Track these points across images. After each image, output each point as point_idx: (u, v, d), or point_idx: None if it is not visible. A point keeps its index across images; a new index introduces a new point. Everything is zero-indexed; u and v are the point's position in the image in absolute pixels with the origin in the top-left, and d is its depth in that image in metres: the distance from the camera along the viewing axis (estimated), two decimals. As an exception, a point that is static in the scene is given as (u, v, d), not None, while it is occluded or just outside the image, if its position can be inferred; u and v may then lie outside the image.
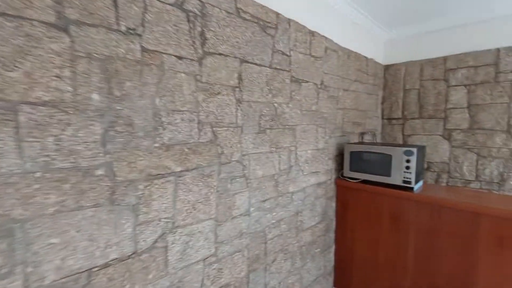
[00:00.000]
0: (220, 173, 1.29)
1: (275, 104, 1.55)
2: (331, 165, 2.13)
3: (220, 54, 1.25)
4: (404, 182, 1.85)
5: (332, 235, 2.23)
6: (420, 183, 2.03)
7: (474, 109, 2.40)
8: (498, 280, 1.52)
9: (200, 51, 1.17)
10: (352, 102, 2.34)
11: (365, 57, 2.50)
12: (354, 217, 2.14)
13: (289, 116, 1.66)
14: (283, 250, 1.71)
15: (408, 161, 1.83)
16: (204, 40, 1.18)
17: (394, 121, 2.90)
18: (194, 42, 1.15)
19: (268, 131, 1.51)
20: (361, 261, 2.11)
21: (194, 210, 1.19)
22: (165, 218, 1.10)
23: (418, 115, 2.74)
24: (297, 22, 1.67)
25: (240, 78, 1.34)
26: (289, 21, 1.61)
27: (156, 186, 1.07)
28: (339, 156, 2.21)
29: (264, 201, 1.54)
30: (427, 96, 2.67)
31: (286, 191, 1.69)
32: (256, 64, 1.42)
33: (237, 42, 1.32)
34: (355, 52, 2.34)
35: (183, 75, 1.12)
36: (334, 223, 2.24)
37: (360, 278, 2.13)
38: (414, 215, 1.81)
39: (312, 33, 1.82)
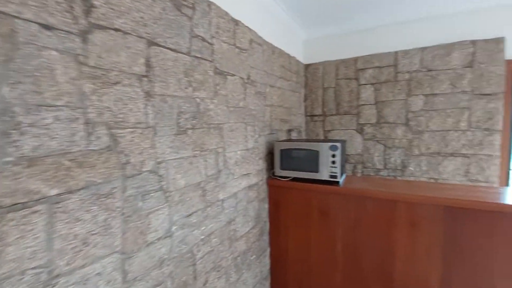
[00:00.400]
0: (126, 190, 0.97)
1: (197, 100, 1.31)
2: (262, 165, 2.02)
3: (116, 29, 0.92)
4: (331, 176, 1.89)
5: (266, 237, 2.13)
6: (344, 176, 2.13)
7: (380, 105, 2.70)
8: (411, 257, 1.67)
9: (83, 21, 0.83)
10: (278, 99, 2.29)
11: (287, 54, 2.50)
12: (286, 216, 2.09)
13: (215, 114, 1.44)
14: (215, 267, 1.49)
15: (333, 155, 1.87)
16: (89, 7, 0.85)
17: (316, 118, 3.04)
18: (72, 7, 0.80)
19: (190, 131, 1.26)
20: (295, 259, 2.09)
21: (87, 246, 0.85)
22: (33, 268, 0.73)
23: (336, 112, 2.93)
24: (218, 7, 1.47)
25: (148, 65, 1.05)
26: (209, 3, 1.39)
27: (13, 222, 0.69)
28: (269, 155, 2.12)
29: (189, 215, 1.28)
30: (342, 94, 2.88)
31: (215, 199, 1.47)
32: (170, 49, 1.14)
33: (141, 17, 1.02)
34: (279, 49, 2.30)
35: (54, 53, 0.76)
36: (268, 225, 2.15)
37: (295, 277, 2.10)
38: (341, 208, 1.87)
39: (236, 22, 1.65)
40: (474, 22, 2.27)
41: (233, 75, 1.60)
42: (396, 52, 2.57)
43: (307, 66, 3.01)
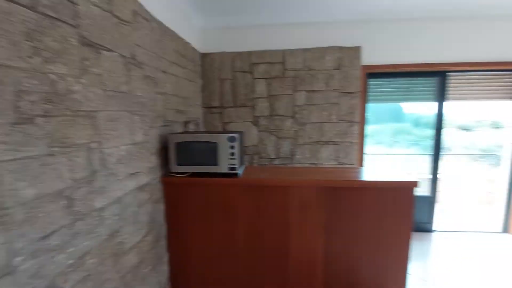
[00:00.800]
0: None
1: (52, 76, 0.94)
2: (154, 161, 1.75)
3: None
4: (230, 169, 1.85)
5: (163, 243, 1.89)
6: (243, 167, 2.15)
7: (272, 99, 2.89)
8: (302, 233, 1.86)
9: None
10: (173, 87, 2.05)
11: (182, 39, 2.27)
12: (186, 215, 1.92)
13: (83, 97, 1.10)
14: (94, 295, 1.17)
15: (232, 147, 1.84)
16: None
17: (213, 110, 2.95)
18: None
19: (40, 119, 0.89)
20: (198, 259, 1.96)
21: None
22: None
23: (233, 104, 2.94)
24: (83, -43, 1.11)
25: None
26: None
27: None
28: (164, 150, 1.87)
29: (46, 237, 0.92)
30: (238, 87, 2.91)
31: (90, 209, 1.14)
32: (-6, -6, 0.75)
33: None
34: (172, 31, 2.05)
35: None
36: (165, 228, 1.91)
37: (198, 277, 1.97)
38: (242, 199, 1.87)
39: (112, -15, 1.31)
40: (341, 31, 2.73)
41: (110, 50, 1.27)
42: (284, 51, 2.80)
43: (204, 55, 2.87)
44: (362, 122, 2.91)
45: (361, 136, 2.94)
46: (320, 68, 2.79)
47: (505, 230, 3.12)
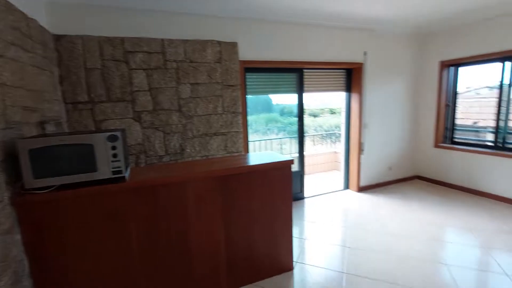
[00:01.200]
0: None
1: None
2: (-3, 178, 1.30)
3: None
4: (115, 172, 1.63)
5: (27, 282, 1.46)
6: (129, 169, 1.93)
7: (154, 92, 2.69)
8: (202, 224, 1.90)
9: None
10: (15, 77, 1.54)
11: (22, 12, 1.72)
12: (57, 240, 1.54)
13: None
14: None
15: (114, 147, 1.62)
16: None
17: (81, 106, 2.44)
18: None
19: None
20: (80, 286, 1.63)
21: None
22: None
23: (107, 98, 2.54)
24: None
25: None
26: None
27: None
28: (11, 161, 1.41)
29: None
30: (112, 78, 2.52)
31: None
32: None
33: None
34: (5, 0, 1.52)
35: None
36: (26, 263, 1.47)
37: (85, 307, 1.66)
38: (133, 205, 1.69)
39: None
40: (219, 25, 2.85)
41: None
42: (162, 40, 2.64)
43: (59, 37, 2.29)
44: (244, 112, 3.20)
45: (244, 125, 3.23)
46: (202, 61, 2.83)
47: (346, 187, 4.31)
